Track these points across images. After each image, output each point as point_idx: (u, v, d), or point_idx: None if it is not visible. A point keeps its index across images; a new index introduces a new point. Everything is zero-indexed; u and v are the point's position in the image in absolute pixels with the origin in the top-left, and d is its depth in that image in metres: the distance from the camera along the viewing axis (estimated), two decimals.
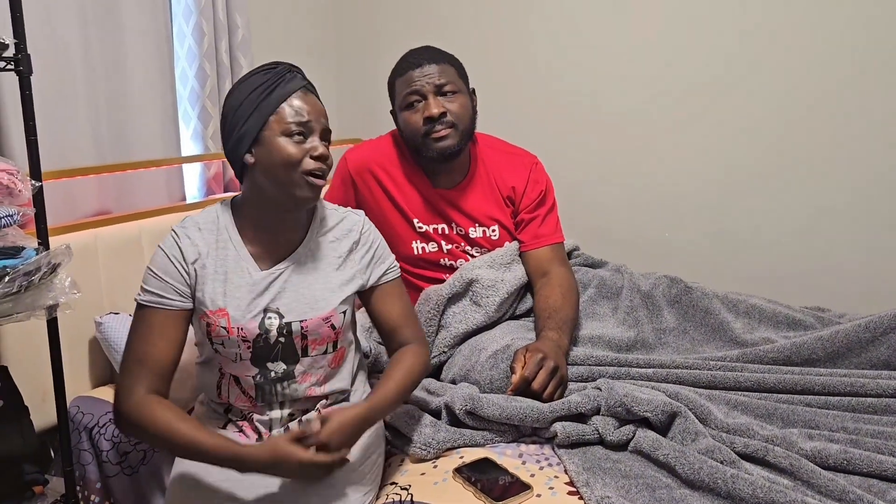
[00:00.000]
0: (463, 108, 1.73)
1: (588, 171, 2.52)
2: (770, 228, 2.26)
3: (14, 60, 1.34)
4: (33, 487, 1.47)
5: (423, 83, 1.70)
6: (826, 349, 1.60)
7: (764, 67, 2.18)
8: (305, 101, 1.32)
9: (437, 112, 1.69)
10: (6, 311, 1.28)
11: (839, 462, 1.27)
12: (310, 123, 1.32)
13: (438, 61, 1.73)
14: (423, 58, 1.73)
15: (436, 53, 1.75)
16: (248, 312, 1.32)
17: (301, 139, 1.31)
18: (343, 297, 1.38)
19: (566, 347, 1.59)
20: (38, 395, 1.62)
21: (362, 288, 1.43)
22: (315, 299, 1.36)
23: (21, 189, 1.34)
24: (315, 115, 1.33)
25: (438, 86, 1.70)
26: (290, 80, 1.33)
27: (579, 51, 2.46)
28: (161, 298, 1.32)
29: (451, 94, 1.72)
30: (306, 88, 1.34)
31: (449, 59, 1.76)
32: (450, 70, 1.73)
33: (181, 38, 2.23)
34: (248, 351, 1.34)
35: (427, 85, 1.70)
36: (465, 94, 1.76)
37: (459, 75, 1.76)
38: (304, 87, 1.34)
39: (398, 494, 1.34)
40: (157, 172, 2.15)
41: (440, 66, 1.72)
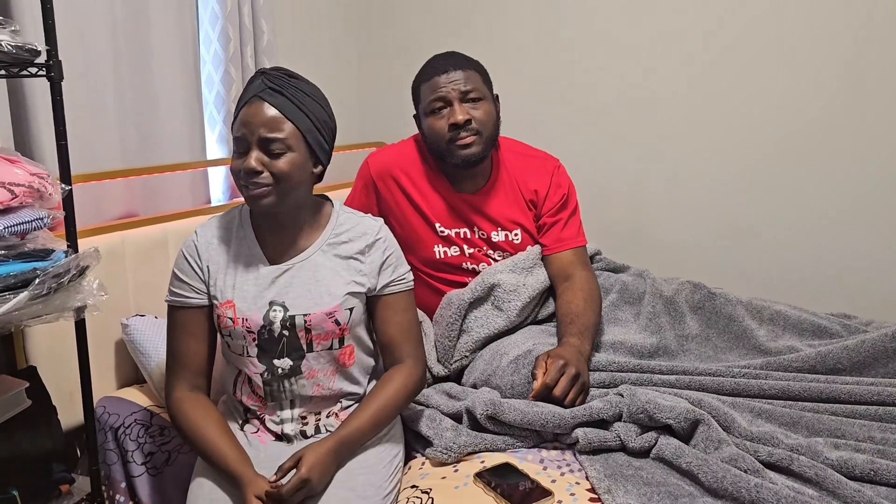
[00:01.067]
0: (488, 115, 1.73)
1: (610, 174, 2.50)
2: (797, 231, 2.23)
3: (46, 67, 1.36)
4: (60, 486, 1.49)
5: (448, 89, 1.70)
6: (852, 359, 1.58)
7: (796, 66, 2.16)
8: (248, 111, 1.32)
9: (462, 119, 1.69)
10: (36, 313, 1.31)
11: (866, 472, 1.25)
12: (244, 137, 1.32)
13: (464, 67, 1.72)
14: (449, 63, 1.72)
15: (461, 59, 1.75)
16: (253, 304, 1.37)
17: (242, 154, 1.33)
18: (347, 292, 1.39)
19: (588, 353, 1.59)
20: (65, 394, 1.65)
21: (370, 292, 1.43)
22: (320, 294, 1.38)
23: (51, 192, 1.37)
24: (254, 125, 1.31)
25: (464, 92, 1.70)
26: (248, 88, 1.34)
27: (601, 55, 2.45)
28: (182, 297, 1.41)
29: (477, 101, 1.71)
30: (258, 96, 1.32)
31: (474, 65, 1.76)
32: (475, 76, 1.73)
33: (207, 44, 2.26)
34: (254, 344, 1.37)
35: (453, 91, 1.70)
36: (490, 100, 1.76)
37: (484, 82, 1.76)
38: (257, 94, 1.32)
39: (419, 498, 1.35)
40: (182, 176, 2.18)
41: (466, 73, 1.71)
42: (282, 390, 1.40)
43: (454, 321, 1.72)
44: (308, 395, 1.40)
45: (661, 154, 2.41)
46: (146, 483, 1.57)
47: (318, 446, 1.29)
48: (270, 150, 1.31)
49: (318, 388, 1.40)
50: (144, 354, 1.73)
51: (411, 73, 1.80)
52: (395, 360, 1.46)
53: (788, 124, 2.19)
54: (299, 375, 1.39)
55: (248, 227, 1.44)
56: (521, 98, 2.54)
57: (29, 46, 1.31)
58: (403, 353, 1.45)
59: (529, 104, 2.58)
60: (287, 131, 1.32)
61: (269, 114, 1.31)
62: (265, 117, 1.30)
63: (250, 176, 1.31)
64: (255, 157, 1.31)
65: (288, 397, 1.40)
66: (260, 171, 1.30)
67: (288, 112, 1.32)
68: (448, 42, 2.65)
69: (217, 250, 1.42)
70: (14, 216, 1.29)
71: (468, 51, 1.80)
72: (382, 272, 1.44)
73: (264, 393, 1.40)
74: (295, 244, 1.42)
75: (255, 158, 1.30)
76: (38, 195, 1.34)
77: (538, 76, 2.58)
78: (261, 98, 1.31)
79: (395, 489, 1.40)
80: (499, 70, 1.87)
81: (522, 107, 2.55)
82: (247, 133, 1.31)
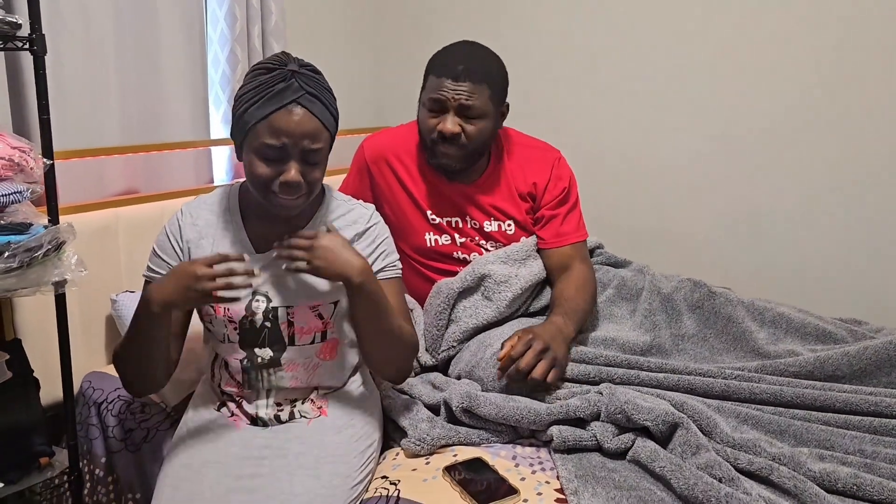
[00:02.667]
0: (480, 132, 1.66)
1: (616, 167, 2.45)
2: (810, 228, 2.15)
3: (29, 40, 1.35)
4: (39, 459, 1.50)
5: (450, 97, 1.62)
6: (852, 365, 1.51)
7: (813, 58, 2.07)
8: (289, 119, 1.22)
9: (450, 132, 1.63)
10: (11, 287, 1.31)
11: (848, 486, 1.19)
12: (285, 148, 1.24)
13: (477, 80, 1.62)
14: (464, 71, 1.62)
15: (478, 70, 1.63)
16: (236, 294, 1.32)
17: (275, 162, 1.25)
18: (333, 285, 1.36)
19: (569, 334, 1.55)
20: (52, 368, 1.65)
21: None
22: (304, 286, 1.35)
23: (33, 167, 1.37)
24: (297, 136, 1.23)
25: (464, 106, 1.63)
26: (281, 91, 1.23)
27: (613, 44, 2.38)
28: (157, 275, 1.36)
29: (473, 119, 1.64)
30: (297, 102, 1.23)
31: (490, 78, 1.65)
32: (484, 93, 1.63)
33: (214, 23, 2.25)
34: (235, 332, 1.34)
35: (453, 101, 1.62)
36: (491, 118, 1.67)
37: (492, 97, 1.65)
38: (295, 100, 1.23)
39: (386, 489, 1.32)
40: (186, 154, 2.18)
41: (476, 87, 1.62)
42: (259, 379, 1.37)
43: (442, 310, 1.69)
44: (285, 386, 1.38)
45: (670, 146, 2.34)
46: (124, 459, 1.58)
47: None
48: (308, 160, 1.26)
49: (295, 382, 1.38)
50: None
51: (427, 54, 1.72)
52: None
53: (807, 115, 2.11)
54: (278, 367, 1.37)
55: (237, 212, 1.39)
56: (533, 83, 2.49)
57: (9, 19, 1.30)
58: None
59: (539, 91, 2.53)
60: (325, 140, 1.28)
61: (313, 124, 1.24)
62: (309, 128, 1.24)
63: (292, 189, 1.26)
64: (298, 170, 1.25)
65: (265, 387, 1.38)
66: (300, 182, 1.26)
67: (326, 121, 1.27)
68: (466, 21, 2.63)
69: (201, 232, 1.38)
70: None
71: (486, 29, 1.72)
72: (375, 261, 1.40)
73: (242, 380, 1.38)
74: (283, 230, 1.36)
75: (297, 171, 1.25)
76: (18, 169, 1.34)
77: (552, 60, 2.52)
78: (300, 104, 1.23)
79: (367, 479, 1.37)
80: (513, 51, 1.82)
81: (532, 92, 2.51)
82: (288, 143, 1.23)
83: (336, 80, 2.70)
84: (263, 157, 1.25)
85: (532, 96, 2.53)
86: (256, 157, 1.26)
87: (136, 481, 1.56)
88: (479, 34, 2.55)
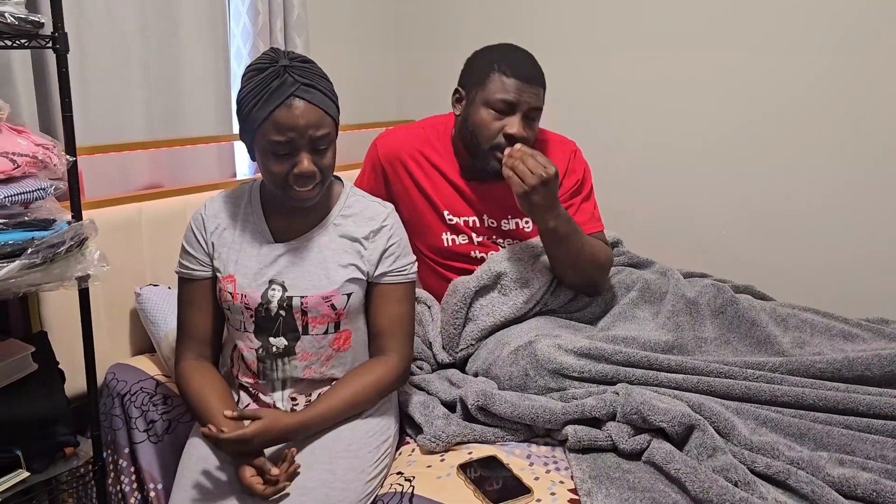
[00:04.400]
0: (535, 134, 1.69)
1: (634, 161, 2.42)
2: (832, 225, 2.11)
3: (52, 38, 1.37)
4: (64, 449, 1.53)
5: (524, 99, 1.63)
6: (883, 368, 1.46)
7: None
8: (290, 114, 1.25)
9: (522, 135, 1.63)
10: (35, 281, 1.33)
11: (867, 493, 1.17)
12: (293, 141, 1.27)
13: (542, 85, 1.66)
14: (535, 73, 1.65)
15: (541, 75, 1.67)
16: (253, 281, 1.37)
17: (286, 156, 1.28)
18: (346, 277, 1.38)
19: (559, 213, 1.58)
20: (77, 360, 1.69)
21: (368, 277, 1.41)
22: (319, 277, 1.37)
23: (56, 163, 1.39)
24: (301, 128, 1.25)
25: (533, 108, 1.64)
26: (277, 88, 1.25)
27: (633, 39, 2.35)
28: (188, 269, 1.43)
29: (534, 122, 1.67)
30: (294, 95, 1.25)
31: (544, 82, 1.69)
32: (543, 97, 1.67)
33: (237, 17, 2.26)
34: (252, 321, 1.38)
35: (525, 104, 1.63)
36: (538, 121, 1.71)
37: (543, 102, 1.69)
38: (292, 94, 1.25)
39: (401, 485, 1.33)
40: (209, 149, 2.20)
41: (542, 91, 1.66)
42: (274, 369, 1.39)
43: (459, 309, 1.68)
44: (299, 377, 1.40)
45: (689, 140, 2.31)
46: (147, 449, 1.60)
47: (279, 420, 1.29)
48: (317, 148, 1.29)
49: (309, 371, 1.40)
50: (154, 324, 1.76)
51: (449, 48, 1.72)
52: (379, 350, 1.44)
53: (832, 107, 2.06)
54: (293, 356, 1.39)
55: (258, 204, 1.44)
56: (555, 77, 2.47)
57: (32, 18, 1.32)
58: (389, 345, 1.42)
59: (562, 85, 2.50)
60: (329, 125, 1.30)
61: (314, 113, 1.26)
62: (311, 118, 1.26)
63: (307, 179, 1.29)
64: (310, 160, 1.28)
65: (280, 377, 1.40)
66: (314, 172, 1.29)
67: (325, 105, 1.29)
68: (486, 13, 2.60)
69: (223, 224, 1.43)
70: (16, 185, 1.32)
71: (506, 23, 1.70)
72: (383, 260, 1.41)
73: (257, 370, 1.40)
74: (302, 223, 1.41)
75: (310, 161, 1.28)
76: (42, 165, 1.37)
77: (574, 55, 2.49)
78: (298, 97, 1.25)
79: (382, 474, 1.38)
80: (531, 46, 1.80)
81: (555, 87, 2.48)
82: (296, 137, 1.26)
83: (358, 74, 2.75)
84: (274, 153, 1.28)
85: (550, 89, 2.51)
86: (268, 156, 1.29)
87: (159, 471, 1.59)
88: (500, 27, 2.55)
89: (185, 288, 1.44)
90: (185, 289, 1.44)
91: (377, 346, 1.44)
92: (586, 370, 1.47)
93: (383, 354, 1.43)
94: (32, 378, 1.52)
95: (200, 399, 1.36)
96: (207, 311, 1.44)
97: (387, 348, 1.43)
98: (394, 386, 1.43)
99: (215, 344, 1.47)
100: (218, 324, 1.46)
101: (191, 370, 1.40)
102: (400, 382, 1.45)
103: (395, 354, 1.42)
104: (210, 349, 1.46)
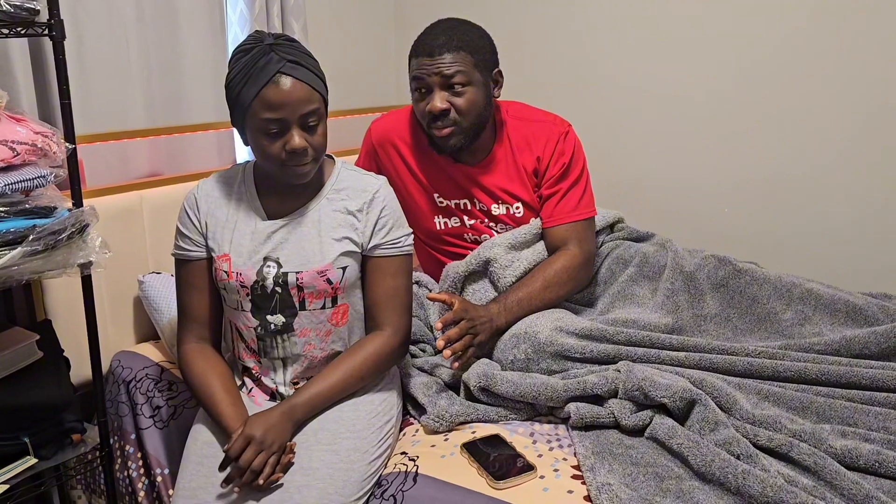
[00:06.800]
0: (470, 103, 1.62)
1: (646, 143, 2.41)
2: (844, 207, 2.10)
3: (48, 26, 1.37)
4: (72, 435, 1.55)
5: (429, 72, 1.59)
6: (881, 344, 1.46)
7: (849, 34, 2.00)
8: (278, 90, 1.26)
9: (439, 108, 1.60)
10: (37, 268, 1.34)
11: (870, 463, 1.18)
12: (283, 119, 1.28)
13: (454, 49, 1.59)
14: (439, 43, 1.60)
15: (455, 38, 1.60)
16: (248, 259, 1.38)
17: (277, 134, 1.29)
18: (340, 251, 1.38)
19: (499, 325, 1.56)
20: (82, 348, 1.70)
21: (363, 249, 1.41)
22: (313, 252, 1.38)
23: (56, 151, 1.39)
24: (291, 104, 1.27)
25: (447, 76, 1.59)
26: (264, 66, 1.26)
27: (634, 16, 2.33)
28: (184, 251, 1.43)
29: (460, 87, 1.60)
30: (281, 72, 1.26)
31: (469, 44, 1.61)
32: (466, 60, 1.60)
33: (233, 3, 2.25)
34: (248, 299, 1.38)
35: (434, 76, 1.59)
36: (479, 85, 1.63)
37: (476, 63, 1.62)
38: (279, 71, 1.26)
39: (405, 465, 1.34)
40: (208, 136, 2.20)
41: (455, 55, 1.59)
42: (274, 346, 1.40)
43: (451, 293, 1.68)
44: (299, 353, 1.41)
45: (698, 126, 2.29)
46: (153, 435, 1.62)
47: (268, 411, 1.30)
48: (307, 124, 1.30)
49: (309, 347, 1.41)
50: (157, 311, 1.77)
51: None
52: (375, 324, 1.44)
53: (833, 75, 2.04)
54: (291, 333, 1.39)
55: (251, 183, 1.44)
56: (552, 58, 2.46)
57: (27, 5, 1.32)
58: (384, 318, 1.42)
59: (561, 67, 2.49)
60: (318, 101, 1.31)
61: (302, 89, 1.27)
62: (299, 94, 1.27)
63: (300, 156, 1.30)
64: (301, 136, 1.29)
65: (280, 355, 1.41)
66: (307, 148, 1.30)
67: (313, 83, 1.30)
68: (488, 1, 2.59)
69: (217, 203, 1.43)
70: (16, 174, 1.32)
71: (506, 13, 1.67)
72: (376, 232, 1.41)
73: (258, 348, 1.41)
74: (295, 200, 1.42)
75: (301, 137, 1.29)
76: (41, 153, 1.37)
77: (573, 34, 2.48)
78: (285, 74, 1.26)
79: (385, 454, 1.39)
80: (526, 30, 1.78)
81: (552, 68, 2.48)
82: (285, 114, 1.27)
83: (356, 58, 2.74)
84: (265, 132, 1.30)
85: (550, 67, 2.50)
86: (260, 135, 1.30)
87: (165, 456, 1.60)
88: (499, 9, 2.53)
89: (182, 270, 1.44)
90: (182, 271, 1.44)
91: (372, 320, 1.44)
92: (588, 351, 1.48)
93: (378, 328, 1.43)
94: (39, 366, 1.53)
95: (203, 384, 1.37)
96: (205, 292, 1.44)
97: (381, 321, 1.42)
98: (389, 358, 1.43)
99: (215, 326, 1.47)
100: (216, 305, 1.46)
101: (193, 354, 1.41)
102: (396, 356, 1.45)
103: (388, 328, 1.42)
104: (209, 331, 1.46)
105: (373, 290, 1.42)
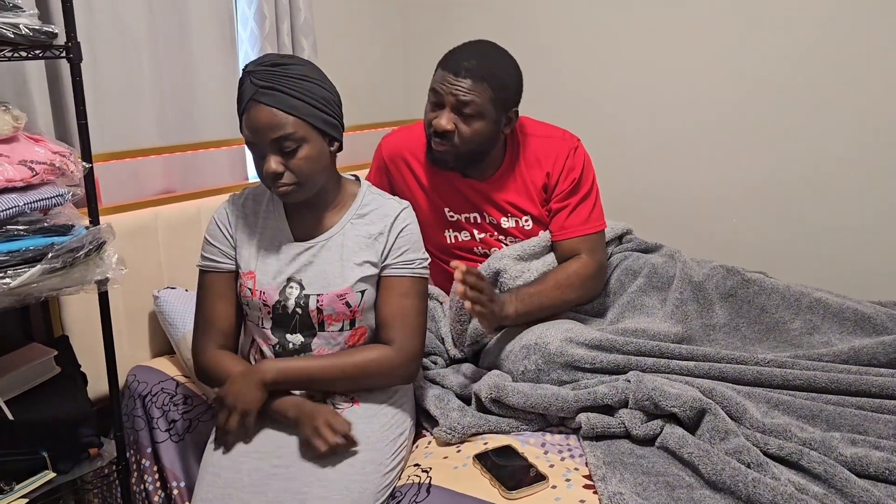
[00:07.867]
0: (474, 132, 1.62)
1: (653, 155, 2.42)
2: (852, 216, 2.10)
3: (65, 48, 1.41)
4: (89, 450, 1.57)
5: (447, 91, 1.60)
6: (889, 354, 1.47)
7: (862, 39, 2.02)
8: (249, 118, 1.31)
9: (442, 127, 1.62)
10: (56, 286, 1.37)
11: (880, 471, 1.18)
12: (257, 145, 1.33)
13: (479, 78, 1.58)
14: (467, 66, 1.59)
15: (484, 67, 1.60)
16: (273, 279, 1.41)
17: (261, 158, 1.35)
18: (360, 276, 1.40)
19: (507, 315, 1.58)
20: (99, 363, 1.72)
21: (378, 269, 1.43)
22: (333, 276, 1.40)
23: (73, 170, 1.43)
24: (261, 130, 1.30)
25: (461, 102, 1.59)
26: (241, 94, 1.33)
27: (639, 28, 2.35)
28: (212, 262, 1.46)
29: (469, 118, 1.61)
30: (252, 100, 1.30)
31: (495, 77, 1.60)
32: (485, 93, 1.59)
33: (244, 22, 2.29)
34: (269, 317, 1.41)
35: (450, 97, 1.60)
36: (489, 120, 1.62)
37: (494, 99, 1.61)
38: (251, 98, 1.30)
39: (418, 476, 1.36)
40: (220, 153, 2.23)
41: (477, 84, 1.58)
42: None
43: (462, 305, 1.69)
44: None
45: (704, 131, 2.31)
46: (169, 448, 1.64)
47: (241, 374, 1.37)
48: (284, 149, 1.32)
49: None
50: (173, 325, 1.79)
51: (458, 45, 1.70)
52: (381, 342, 1.44)
53: (844, 79, 2.04)
54: (309, 352, 1.42)
55: (279, 203, 1.47)
56: (560, 70, 2.48)
57: (46, 29, 1.35)
58: (390, 336, 1.41)
59: (568, 80, 2.51)
60: (292, 125, 1.30)
61: (269, 115, 1.29)
62: (266, 120, 1.29)
63: (275, 179, 1.34)
64: (274, 161, 1.32)
65: None
66: (281, 172, 1.32)
67: (286, 106, 1.30)
68: (493, 11, 2.62)
69: (246, 220, 1.47)
70: (35, 193, 1.36)
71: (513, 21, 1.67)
72: (391, 252, 1.44)
73: None
74: (321, 223, 1.45)
75: (274, 161, 1.32)
76: (59, 173, 1.40)
77: (581, 48, 2.50)
78: (256, 101, 1.30)
79: (399, 466, 1.40)
80: (537, 44, 1.79)
81: (560, 80, 2.50)
82: (258, 140, 1.32)
83: (365, 75, 2.77)
84: (252, 155, 1.37)
85: (558, 80, 2.52)
86: (254, 158, 1.37)
87: (181, 470, 1.62)
88: (507, 25, 2.56)
89: (208, 279, 1.46)
90: (208, 280, 1.46)
91: (379, 338, 1.45)
92: (598, 361, 1.49)
93: (384, 344, 1.43)
94: (56, 381, 1.56)
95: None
96: (231, 302, 1.46)
97: (389, 339, 1.42)
98: (383, 370, 1.40)
99: (235, 337, 1.49)
100: (239, 316, 1.48)
101: (220, 356, 1.43)
102: (397, 373, 1.42)
103: (395, 345, 1.41)
104: (232, 340, 1.48)
105: (382, 308, 1.44)
